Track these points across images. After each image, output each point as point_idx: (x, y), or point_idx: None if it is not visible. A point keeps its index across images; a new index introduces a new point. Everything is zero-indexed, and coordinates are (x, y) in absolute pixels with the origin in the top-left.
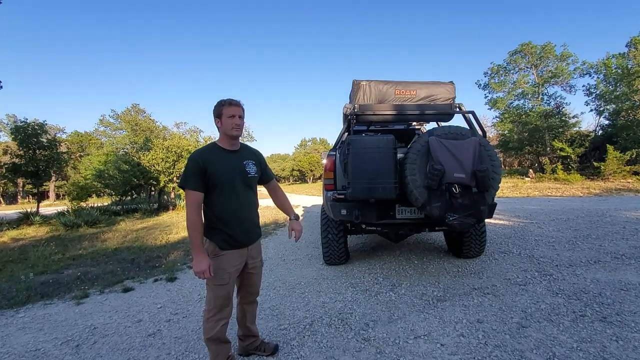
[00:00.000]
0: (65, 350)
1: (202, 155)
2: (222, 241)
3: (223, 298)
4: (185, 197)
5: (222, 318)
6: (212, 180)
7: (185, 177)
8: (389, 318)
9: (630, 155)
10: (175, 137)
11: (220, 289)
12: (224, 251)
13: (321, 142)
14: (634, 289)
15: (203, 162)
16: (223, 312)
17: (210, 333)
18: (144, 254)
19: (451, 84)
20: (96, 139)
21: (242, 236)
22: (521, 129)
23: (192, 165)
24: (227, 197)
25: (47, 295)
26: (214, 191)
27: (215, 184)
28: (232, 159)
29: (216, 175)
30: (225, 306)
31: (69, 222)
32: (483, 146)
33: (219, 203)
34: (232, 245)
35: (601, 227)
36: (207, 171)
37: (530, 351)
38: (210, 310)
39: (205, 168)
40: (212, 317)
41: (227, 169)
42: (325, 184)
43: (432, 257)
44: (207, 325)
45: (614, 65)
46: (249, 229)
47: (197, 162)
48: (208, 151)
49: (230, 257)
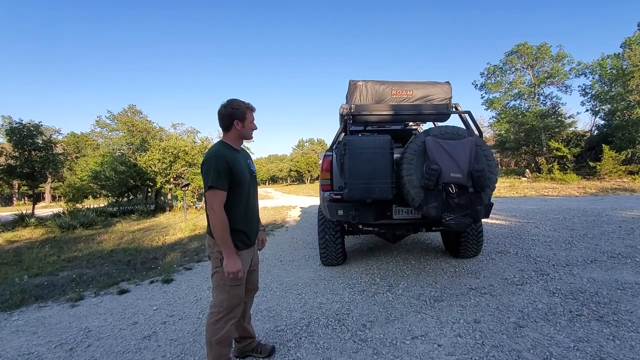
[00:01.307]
0: (59, 354)
1: (227, 154)
2: (240, 241)
3: (238, 298)
4: (211, 198)
5: (233, 317)
6: (235, 179)
7: (217, 176)
8: (386, 319)
9: (625, 155)
10: (172, 138)
11: (237, 289)
12: (240, 251)
13: (319, 143)
14: (631, 288)
15: (230, 161)
16: (234, 312)
17: (219, 334)
18: (140, 256)
19: (447, 84)
20: (92, 140)
21: (253, 235)
22: (517, 129)
23: (222, 164)
24: (244, 196)
25: (41, 297)
26: (235, 190)
27: (237, 183)
28: (241, 158)
29: (238, 174)
30: (237, 305)
31: (65, 224)
32: (479, 146)
33: (238, 203)
34: (247, 244)
35: (597, 226)
36: (232, 170)
37: (527, 351)
38: (221, 312)
39: (232, 167)
40: (222, 317)
41: (243, 168)
42: (322, 184)
43: (429, 258)
44: (216, 327)
45: (609, 65)
46: (257, 228)
47: (226, 161)
48: (227, 150)
49: (245, 256)
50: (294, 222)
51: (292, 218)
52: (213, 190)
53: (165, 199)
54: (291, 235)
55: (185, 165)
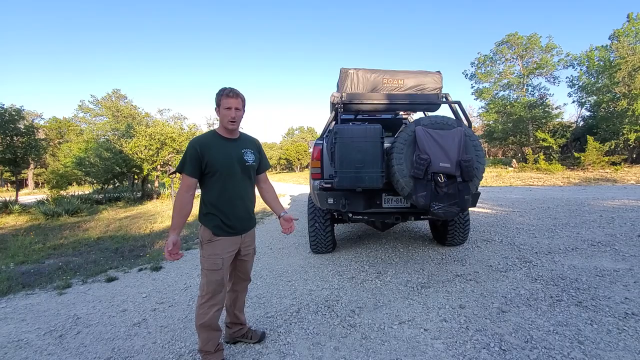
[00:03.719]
0: (49, 341)
1: (201, 142)
2: (216, 227)
3: (216, 284)
4: (181, 182)
5: (215, 304)
6: (209, 167)
7: (183, 162)
8: (375, 305)
9: (609, 147)
10: (159, 124)
11: (214, 274)
12: (218, 237)
13: (309, 131)
14: (609, 274)
15: (201, 149)
16: (216, 298)
17: (203, 319)
18: (128, 243)
19: (438, 73)
20: (75, 126)
21: (237, 223)
22: (506, 120)
23: (190, 151)
24: (224, 184)
25: (28, 285)
26: (211, 178)
27: (212, 171)
28: (231, 147)
29: (213, 162)
30: (219, 292)
31: (49, 211)
32: (468, 136)
33: (215, 190)
34: (226, 231)
35: (579, 215)
36: (204, 158)
37: (510, 335)
38: (204, 297)
39: (202, 155)
40: (205, 302)
41: (225, 157)
42: (312, 172)
43: (417, 245)
44: (200, 311)
45: (597, 57)
46: (243, 217)
47: (195, 149)
48: (207, 138)
49: (224, 243)
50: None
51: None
52: (181, 175)
53: (153, 186)
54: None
55: (172, 152)
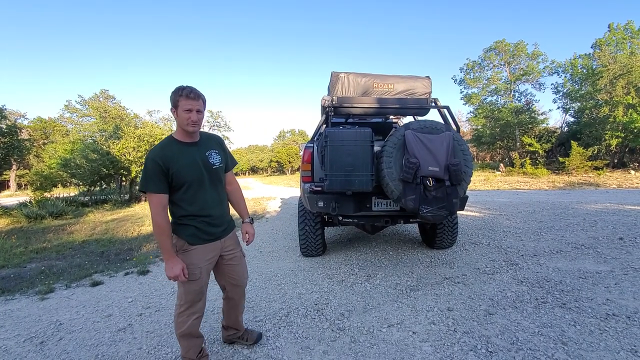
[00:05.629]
0: (29, 348)
1: (161, 153)
2: (191, 236)
3: (195, 293)
4: (149, 201)
5: (194, 312)
6: (176, 179)
7: (146, 180)
8: (364, 308)
9: (592, 152)
10: (148, 125)
11: (192, 284)
12: (193, 246)
13: (300, 134)
14: (592, 276)
15: (163, 161)
16: (195, 307)
17: (182, 328)
18: (114, 247)
19: (427, 78)
20: (61, 126)
21: (213, 229)
22: (493, 124)
23: (151, 166)
24: (193, 194)
25: (8, 290)
26: (180, 189)
27: (180, 182)
28: (194, 152)
29: (180, 173)
30: (197, 301)
31: (32, 214)
32: (456, 141)
33: (185, 201)
34: (202, 239)
35: (564, 219)
36: (169, 170)
37: (496, 336)
38: (182, 305)
39: (167, 167)
40: (183, 311)
41: (190, 164)
42: (303, 176)
43: (406, 249)
44: (179, 320)
45: (580, 65)
46: (219, 223)
47: (156, 163)
48: (166, 148)
49: (201, 251)
50: (274, 213)
51: (272, 209)
52: (147, 194)
53: None
54: (271, 226)
55: None
